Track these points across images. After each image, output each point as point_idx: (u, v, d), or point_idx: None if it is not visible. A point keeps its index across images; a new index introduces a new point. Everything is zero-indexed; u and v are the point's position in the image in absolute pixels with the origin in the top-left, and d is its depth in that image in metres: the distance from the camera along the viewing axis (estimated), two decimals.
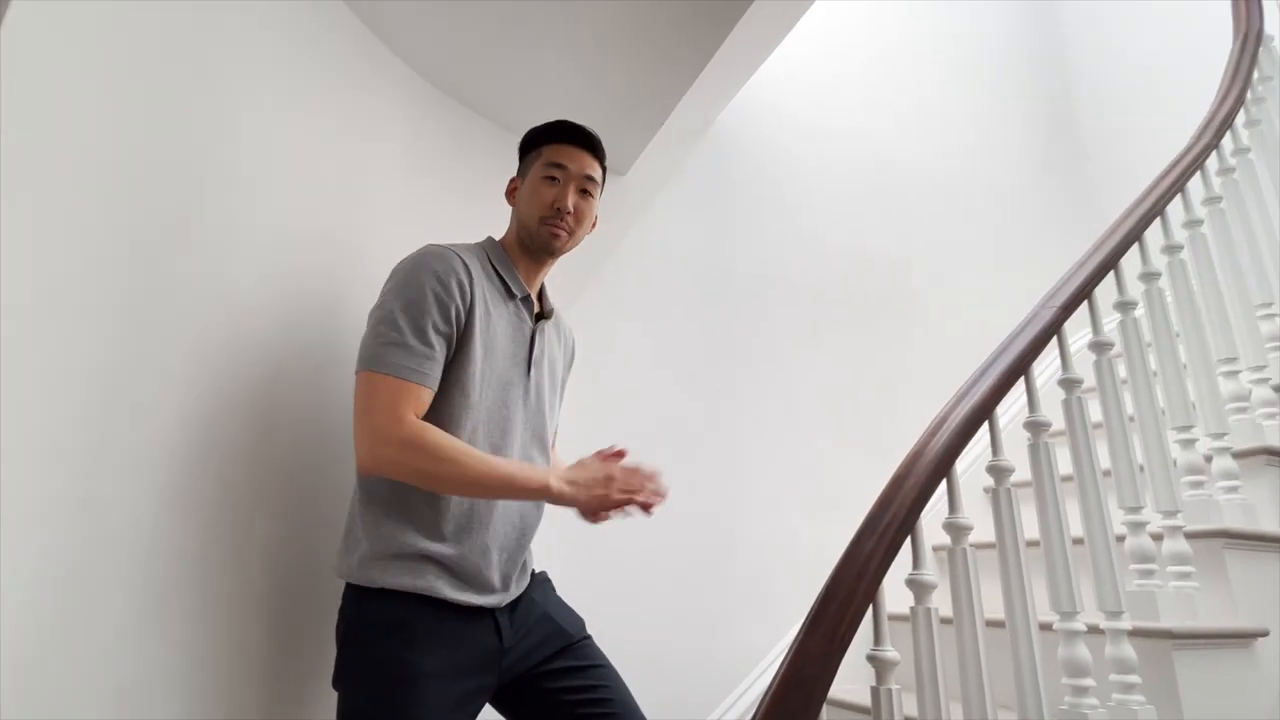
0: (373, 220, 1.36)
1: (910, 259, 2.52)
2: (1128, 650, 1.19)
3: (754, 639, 1.83)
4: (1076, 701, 1.15)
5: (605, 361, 1.81)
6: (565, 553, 1.61)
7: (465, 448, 0.95)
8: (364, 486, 1.01)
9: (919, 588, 1.08)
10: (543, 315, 1.17)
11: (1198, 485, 1.49)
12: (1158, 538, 1.40)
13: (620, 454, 1.10)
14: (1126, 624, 1.21)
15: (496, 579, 1.02)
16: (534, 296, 1.16)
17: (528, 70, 1.56)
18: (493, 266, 1.11)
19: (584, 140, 1.15)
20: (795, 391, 2.12)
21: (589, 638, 1.14)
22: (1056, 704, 1.19)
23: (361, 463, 0.94)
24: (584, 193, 1.14)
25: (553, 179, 1.12)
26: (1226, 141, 1.89)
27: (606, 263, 1.90)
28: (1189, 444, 1.51)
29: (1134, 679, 1.18)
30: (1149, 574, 1.34)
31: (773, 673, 1.73)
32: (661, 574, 1.76)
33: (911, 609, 1.08)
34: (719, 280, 2.09)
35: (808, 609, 1.00)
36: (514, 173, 1.22)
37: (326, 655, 1.01)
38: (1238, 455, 1.54)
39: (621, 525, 1.71)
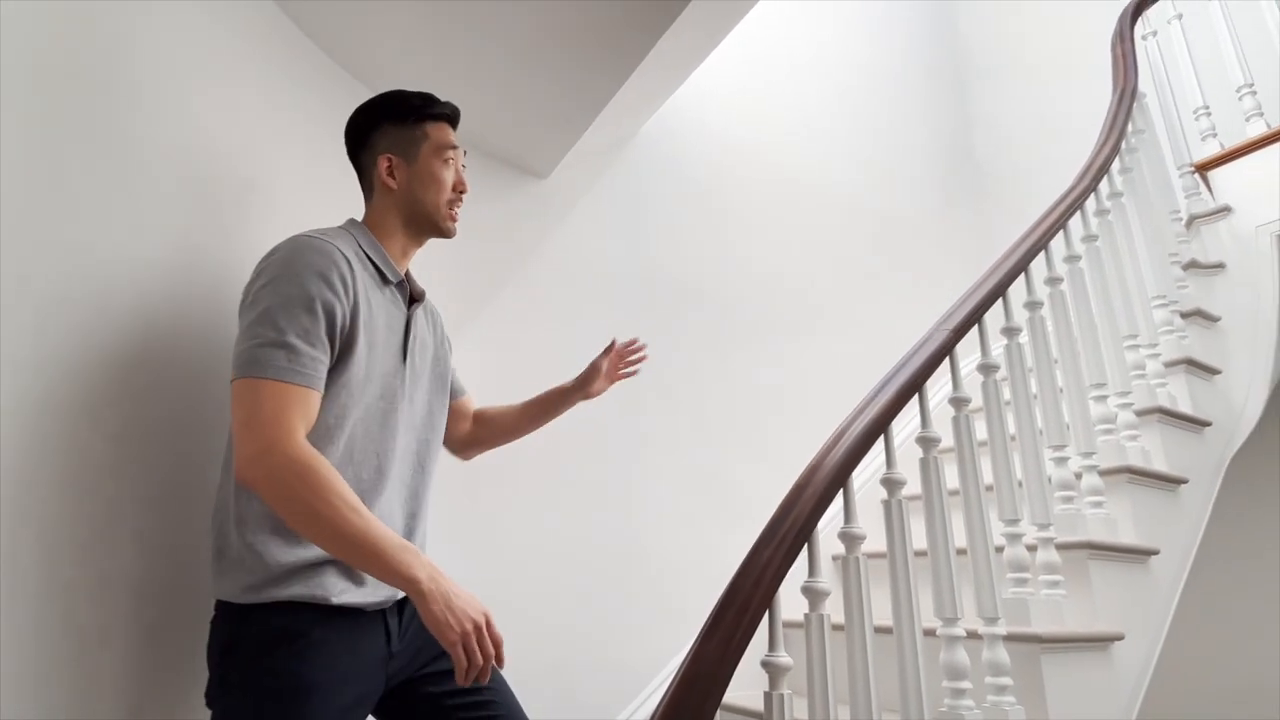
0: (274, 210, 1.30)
1: (817, 277, 2.62)
2: (1002, 654, 1.27)
3: (657, 646, 1.85)
4: (955, 704, 1.21)
5: (516, 365, 1.79)
6: (464, 555, 1.58)
7: (351, 497, 0.84)
8: (238, 502, 0.91)
9: (814, 595, 1.12)
10: (415, 299, 1.11)
11: (1068, 500, 1.61)
12: (1032, 548, 1.50)
13: (610, 348, 1.35)
14: (1002, 629, 1.29)
15: None
16: (405, 281, 1.10)
17: (453, 70, 1.54)
18: (364, 252, 1.03)
19: (455, 118, 1.16)
20: (703, 402, 2.16)
21: None
22: (937, 706, 1.25)
23: (241, 473, 0.84)
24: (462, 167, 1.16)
25: (449, 161, 1.11)
26: (1103, 186, 2.07)
27: (524, 266, 1.88)
28: (1062, 462, 1.63)
29: (1006, 681, 1.26)
30: (1023, 582, 1.43)
31: None
32: (565, 580, 1.74)
33: (806, 615, 1.12)
34: (633, 289, 2.10)
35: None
36: None
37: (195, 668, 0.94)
38: (1103, 473, 1.68)
39: (525, 530, 1.70)
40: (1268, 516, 2.88)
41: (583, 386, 1.38)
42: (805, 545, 1.10)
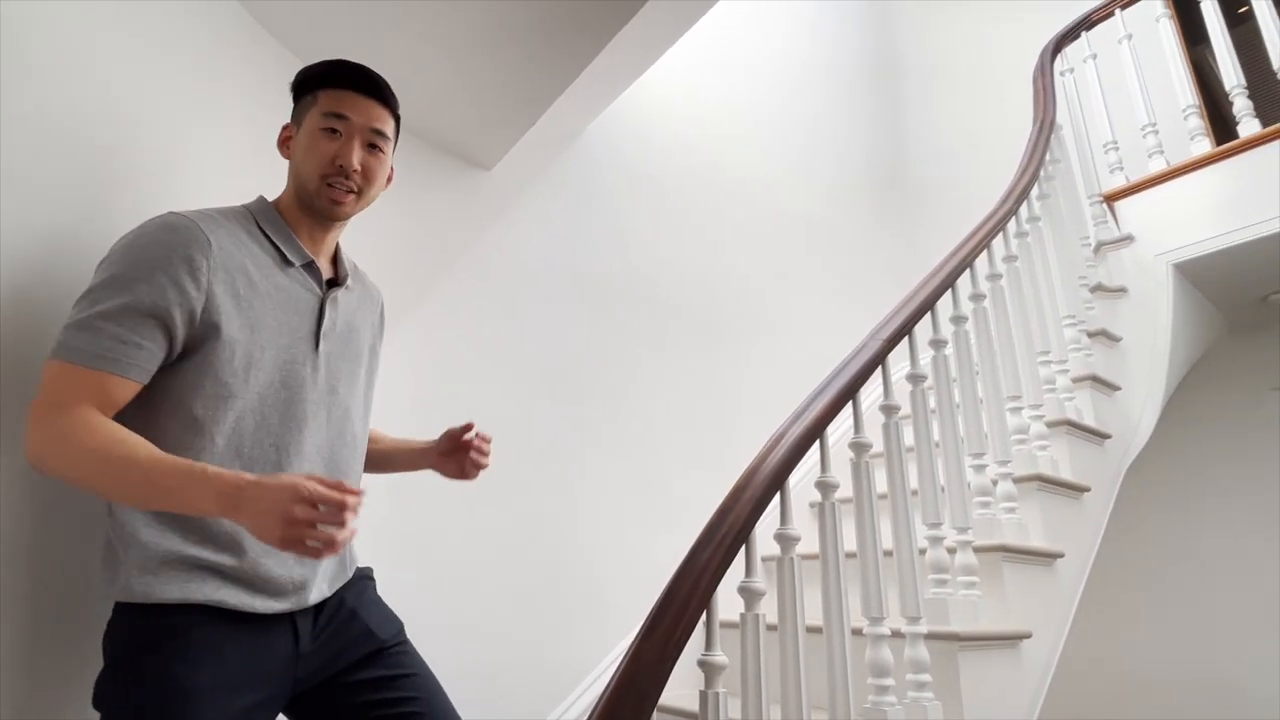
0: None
1: (758, 284, 2.67)
2: (922, 652, 1.33)
3: (589, 645, 1.84)
4: (879, 700, 1.26)
5: (452, 359, 1.75)
6: (391, 548, 1.53)
7: (117, 440, 0.76)
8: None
9: (750, 595, 1.14)
10: (335, 282, 1.02)
11: (985, 505, 1.69)
12: (952, 551, 1.58)
13: (468, 427, 1.08)
14: (923, 628, 1.35)
15: (289, 580, 0.89)
16: (324, 262, 1.02)
17: (400, 54, 1.49)
18: (262, 232, 0.95)
19: (369, 86, 0.98)
20: (643, 402, 2.16)
21: (404, 643, 1.02)
22: (862, 703, 1.29)
23: (28, 458, 0.78)
24: (372, 147, 0.99)
25: (333, 130, 0.96)
26: (1024, 210, 2.19)
27: (463, 258, 1.84)
28: (980, 469, 1.71)
29: (926, 678, 1.31)
30: (943, 583, 1.50)
31: (607, 678, 1.75)
32: (497, 578, 1.71)
33: (742, 615, 1.13)
34: (574, 285, 2.09)
35: (643, 615, 1.02)
36: None
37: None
38: (1017, 480, 1.78)
39: (457, 527, 1.66)
40: (1157, 521, 3.12)
41: (437, 463, 1.17)
42: (743, 547, 1.12)
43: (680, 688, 1.77)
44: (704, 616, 1.04)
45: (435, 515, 1.65)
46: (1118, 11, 2.72)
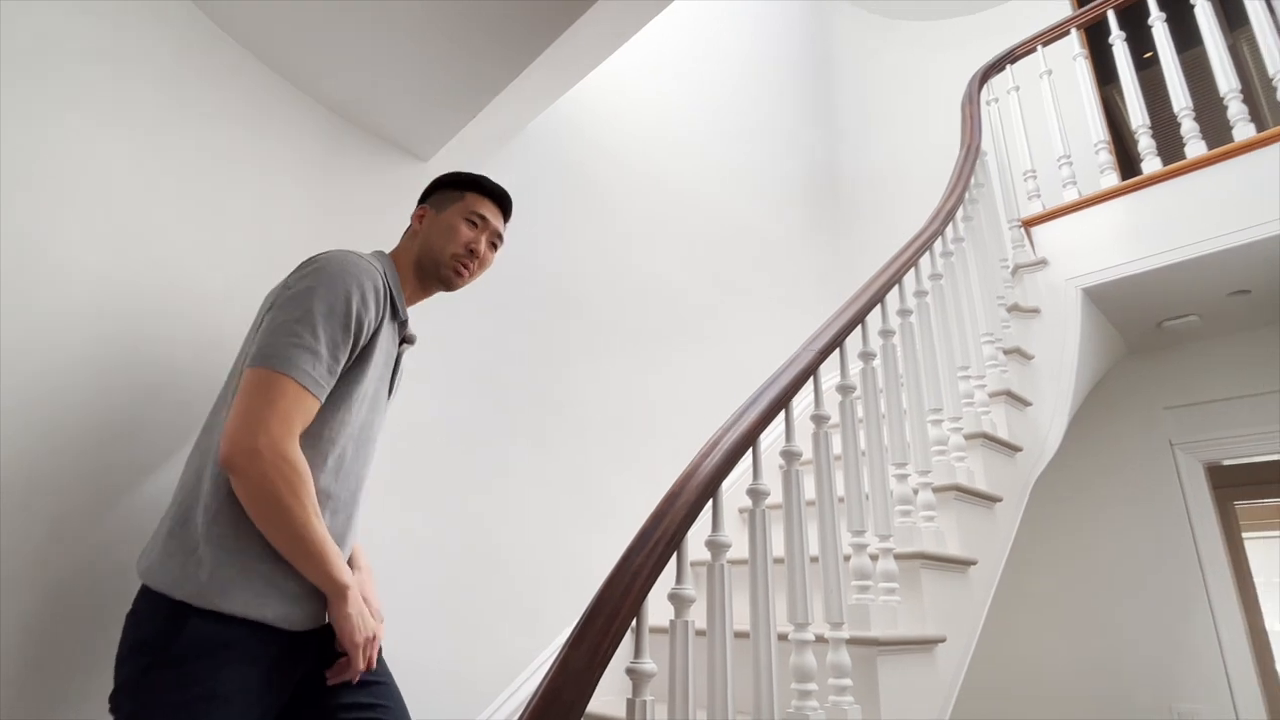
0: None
1: (694, 291, 2.69)
2: (844, 657, 1.36)
3: (516, 648, 1.80)
4: (801, 704, 1.28)
5: None
6: None
7: (316, 505, 0.91)
8: (218, 496, 0.91)
9: (680, 602, 1.13)
10: (406, 340, 1.19)
11: (906, 514, 1.75)
12: (874, 558, 1.62)
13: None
14: (845, 633, 1.38)
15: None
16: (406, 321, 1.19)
17: (342, 40, 1.44)
18: (386, 283, 1.10)
19: (505, 203, 1.27)
20: (575, 405, 2.14)
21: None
22: (785, 708, 1.31)
23: (229, 456, 0.87)
24: (492, 245, 1.25)
25: (473, 223, 1.21)
26: (949, 231, 2.29)
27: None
28: (903, 478, 1.77)
29: (846, 682, 1.34)
30: (865, 589, 1.54)
31: (533, 684, 1.72)
32: (418, 580, 1.66)
33: (671, 622, 1.13)
34: (510, 286, 2.05)
35: (572, 620, 1.01)
36: (311, 157, 1.13)
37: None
38: (936, 490, 1.85)
39: (383, 525, 1.60)
40: (1058, 529, 3.31)
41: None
42: (675, 553, 1.12)
43: (607, 694, 1.76)
44: (634, 623, 1.03)
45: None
46: (1039, 48, 2.88)
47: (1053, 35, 2.88)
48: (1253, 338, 3.03)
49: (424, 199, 1.27)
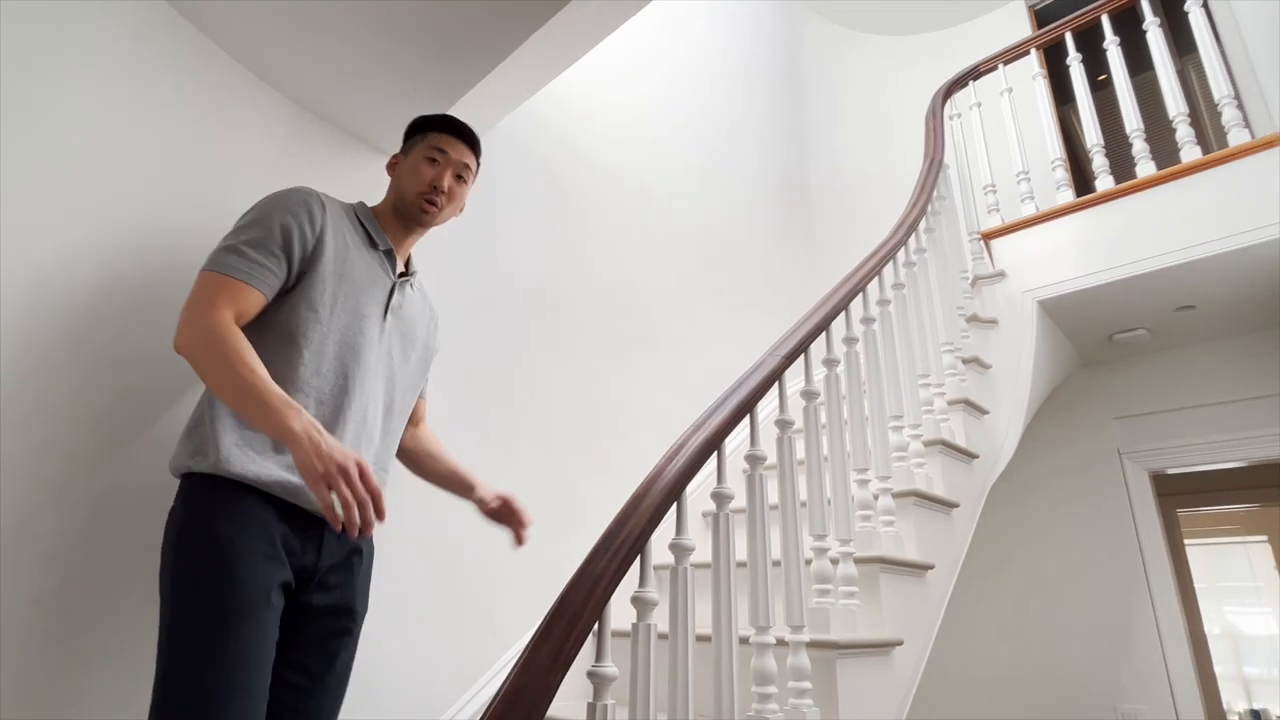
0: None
1: (663, 294, 2.70)
2: (804, 660, 1.37)
3: (477, 652, 1.78)
4: (761, 708, 1.29)
5: None
6: None
7: (254, 361, 0.98)
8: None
9: (643, 605, 1.13)
10: (405, 274, 1.30)
11: (866, 518, 1.78)
12: (835, 562, 1.64)
13: (509, 508, 1.36)
14: (806, 636, 1.39)
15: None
16: (400, 260, 1.30)
17: (310, 31, 1.41)
18: (358, 220, 1.25)
19: (465, 135, 1.32)
20: (544, 406, 2.13)
21: (358, 626, 1.17)
22: (745, 711, 1.31)
23: (175, 342, 1.01)
24: (458, 178, 1.31)
25: (434, 160, 1.28)
26: (912, 241, 2.34)
27: None
28: (864, 483, 1.80)
29: (806, 685, 1.35)
30: (825, 593, 1.56)
31: (494, 687, 1.70)
32: (383, 580, 1.62)
33: (634, 626, 1.13)
34: (474, 284, 2.03)
35: (534, 622, 1.00)
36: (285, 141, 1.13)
37: None
38: (896, 495, 1.88)
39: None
40: (1011, 536, 3.40)
41: (475, 498, 1.40)
42: (639, 556, 1.11)
43: (567, 698, 1.75)
44: (596, 627, 1.02)
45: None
46: (1001, 66, 2.96)
47: (1013, 54, 2.97)
48: (1197, 352, 3.15)
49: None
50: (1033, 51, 2.94)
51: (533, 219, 2.25)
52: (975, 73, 3.06)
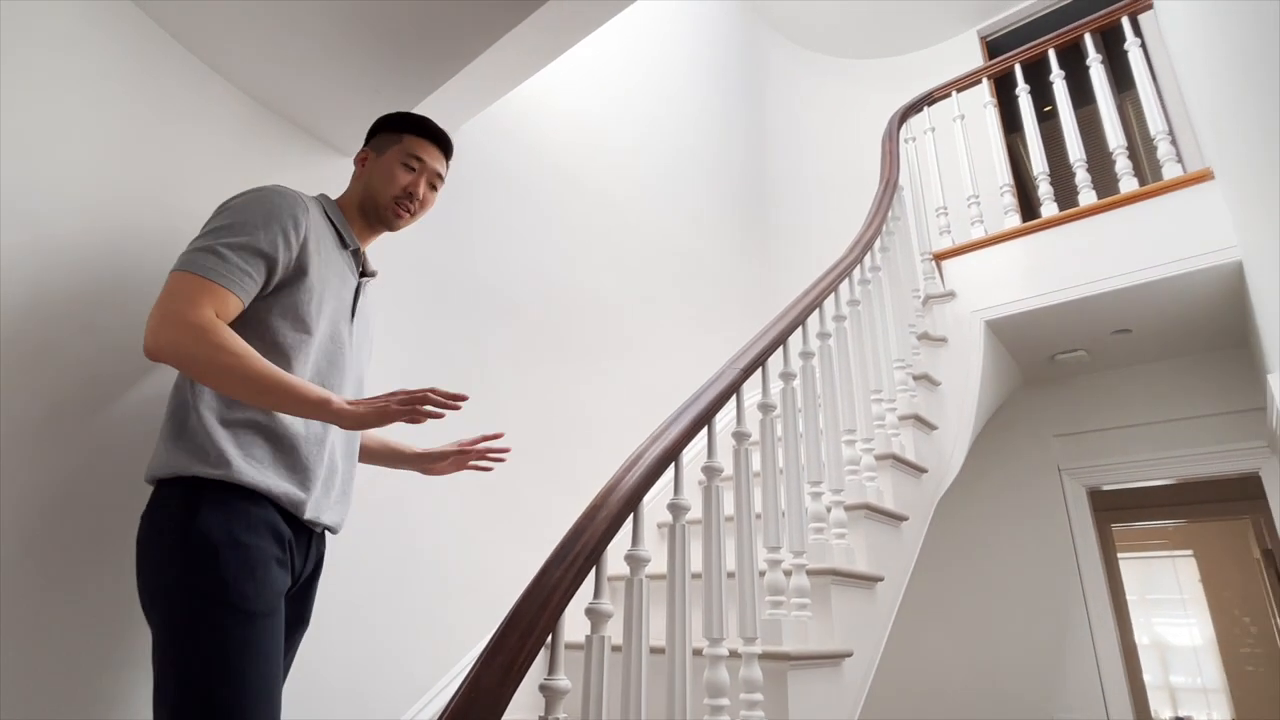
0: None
1: (622, 305, 2.70)
2: (756, 672, 1.38)
3: (425, 665, 1.73)
4: None
5: None
6: None
7: (251, 350, 0.96)
8: (194, 390, 1.03)
9: (597, 617, 1.12)
10: (365, 273, 1.28)
11: (819, 531, 1.80)
12: (788, 574, 1.66)
13: (490, 437, 1.39)
14: (758, 648, 1.40)
15: (330, 510, 1.13)
16: (361, 254, 1.28)
17: (269, 27, 1.37)
18: (328, 217, 1.20)
19: (443, 142, 1.31)
20: (499, 414, 2.10)
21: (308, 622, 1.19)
22: None
23: (146, 347, 0.96)
24: (431, 186, 1.30)
25: (410, 168, 1.26)
26: (867, 259, 2.39)
27: None
28: (817, 496, 1.83)
29: (757, 697, 1.36)
30: (778, 605, 1.57)
31: (442, 700, 1.66)
32: (327, 590, 1.57)
33: (588, 638, 1.12)
34: (430, 288, 2.00)
35: (486, 635, 0.98)
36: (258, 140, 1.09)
37: None
38: (848, 508, 1.91)
39: None
40: (956, 548, 3.49)
41: (420, 461, 1.41)
42: (594, 567, 1.11)
43: (518, 711, 1.72)
44: (549, 639, 1.01)
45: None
46: (954, 93, 3.07)
47: (966, 83, 3.08)
48: (1132, 373, 3.30)
49: (367, 140, 1.31)
50: (984, 81, 3.05)
51: (495, 224, 2.23)
52: (930, 98, 3.16)
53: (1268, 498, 2.92)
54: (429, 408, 1.00)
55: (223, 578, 0.93)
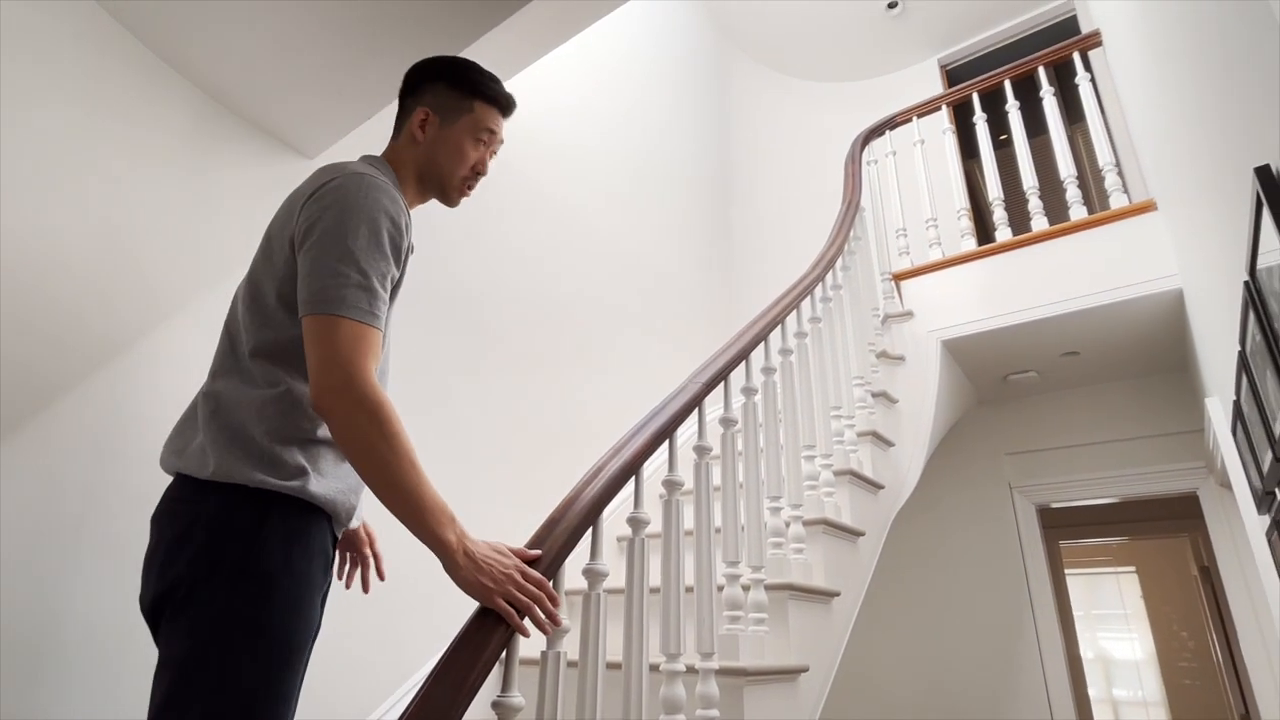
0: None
1: (585, 318, 2.69)
2: (713, 687, 1.37)
3: (375, 682, 1.68)
4: None
5: None
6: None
7: (411, 449, 0.88)
8: (285, 417, 0.92)
9: (554, 631, 1.10)
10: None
11: (778, 546, 1.81)
12: (746, 588, 1.66)
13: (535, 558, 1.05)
14: (715, 664, 1.40)
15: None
16: None
17: (233, 27, 1.34)
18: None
19: (511, 113, 1.17)
20: (457, 426, 2.07)
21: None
22: None
23: (319, 402, 0.86)
24: (493, 153, 1.18)
25: (482, 141, 1.12)
26: (829, 278, 2.43)
27: None
28: (776, 511, 1.84)
29: (714, 713, 1.35)
30: (736, 619, 1.57)
31: (393, 717, 1.61)
32: None
33: (542, 653, 1.10)
34: (404, 292, 1.97)
35: (438, 650, 0.96)
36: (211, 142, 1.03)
37: None
38: (806, 523, 1.93)
39: None
40: (912, 562, 3.54)
41: (352, 545, 1.30)
42: (551, 581, 1.09)
43: None
44: (504, 654, 0.99)
45: None
46: (915, 119, 3.15)
47: (926, 109, 3.17)
48: (1080, 395, 3.41)
49: (418, 90, 1.13)
50: (944, 108, 3.14)
51: (448, 231, 2.20)
52: (892, 123, 3.24)
53: (1205, 517, 3.03)
54: (528, 622, 0.92)
55: (274, 610, 0.86)
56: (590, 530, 1.20)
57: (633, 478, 1.33)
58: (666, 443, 1.46)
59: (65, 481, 1.19)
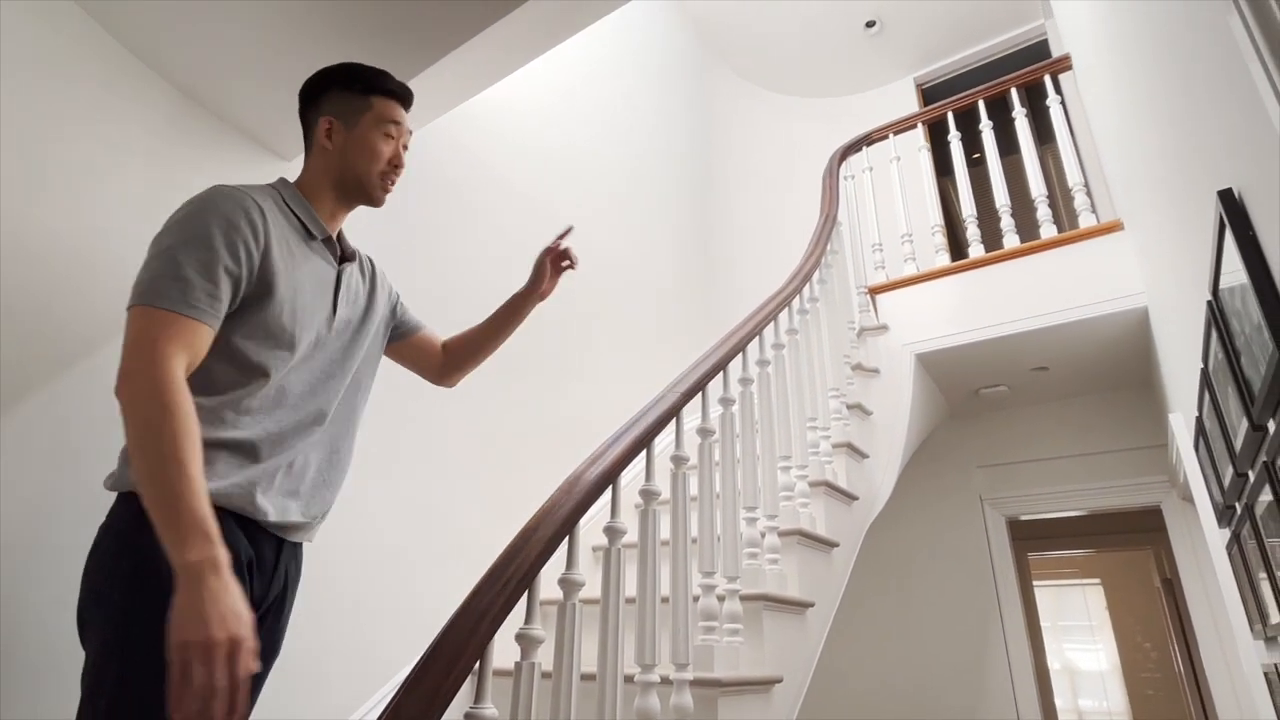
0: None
1: (565, 325, 2.69)
2: (687, 698, 1.37)
3: (346, 694, 1.65)
4: None
5: None
6: None
7: (192, 451, 0.81)
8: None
9: (528, 642, 1.10)
10: (345, 258, 1.15)
11: (753, 556, 1.81)
12: (722, 599, 1.66)
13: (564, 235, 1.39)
14: (689, 675, 1.39)
15: (299, 510, 1.03)
16: (334, 239, 1.15)
17: (212, 28, 1.32)
18: (288, 208, 1.07)
19: (410, 102, 1.19)
20: (433, 433, 2.05)
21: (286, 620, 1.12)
22: None
23: (116, 388, 0.84)
24: (404, 147, 1.19)
25: (389, 135, 1.14)
26: (806, 290, 2.46)
27: None
28: (752, 521, 1.84)
29: None
30: (711, 630, 1.57)
31: None
32: None
33: (517, 664, 1.09)
34: None
35: (411, 661, 0.94)
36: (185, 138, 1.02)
37: None
38: (781, 534, 1.93)
39: None
40: (884, 572, 3.57)
41: (534, 288, 1.42)
42: (526, 592, 1.08)
43: None
44: (477, 666, 0.98)
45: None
46: (891, 135, 3.21)
47: (903, 126, 3.22)
48: (1049, 409, 3.48)
49: (316, 102, 1.14)
50: (919, 125, 3.20)
51: (438, 234, 2.19)
52: (869, 139, 3.29)
53: (1168, 530, 3.10)
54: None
55: (164, 604, 0.79)
56: (566, 540, 1.19)
57: (610, 487, 1.32)
58: (644, 452, 1.46)
59: (44, 480, 1.15)
